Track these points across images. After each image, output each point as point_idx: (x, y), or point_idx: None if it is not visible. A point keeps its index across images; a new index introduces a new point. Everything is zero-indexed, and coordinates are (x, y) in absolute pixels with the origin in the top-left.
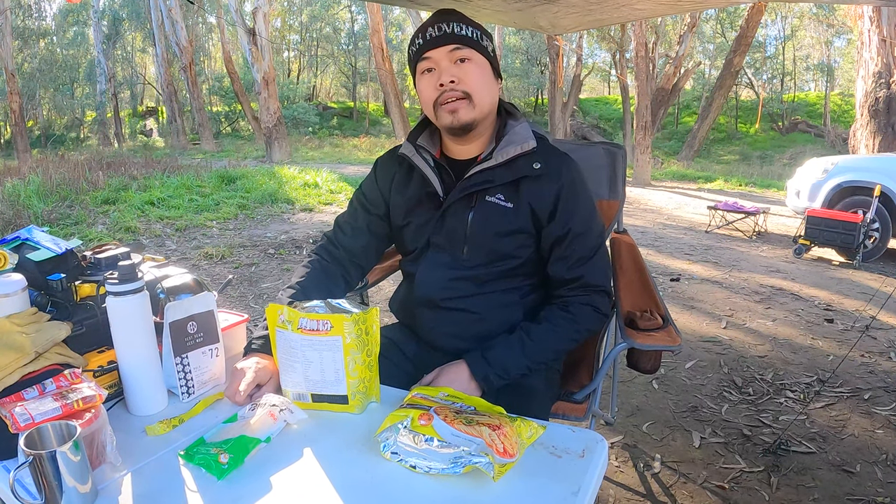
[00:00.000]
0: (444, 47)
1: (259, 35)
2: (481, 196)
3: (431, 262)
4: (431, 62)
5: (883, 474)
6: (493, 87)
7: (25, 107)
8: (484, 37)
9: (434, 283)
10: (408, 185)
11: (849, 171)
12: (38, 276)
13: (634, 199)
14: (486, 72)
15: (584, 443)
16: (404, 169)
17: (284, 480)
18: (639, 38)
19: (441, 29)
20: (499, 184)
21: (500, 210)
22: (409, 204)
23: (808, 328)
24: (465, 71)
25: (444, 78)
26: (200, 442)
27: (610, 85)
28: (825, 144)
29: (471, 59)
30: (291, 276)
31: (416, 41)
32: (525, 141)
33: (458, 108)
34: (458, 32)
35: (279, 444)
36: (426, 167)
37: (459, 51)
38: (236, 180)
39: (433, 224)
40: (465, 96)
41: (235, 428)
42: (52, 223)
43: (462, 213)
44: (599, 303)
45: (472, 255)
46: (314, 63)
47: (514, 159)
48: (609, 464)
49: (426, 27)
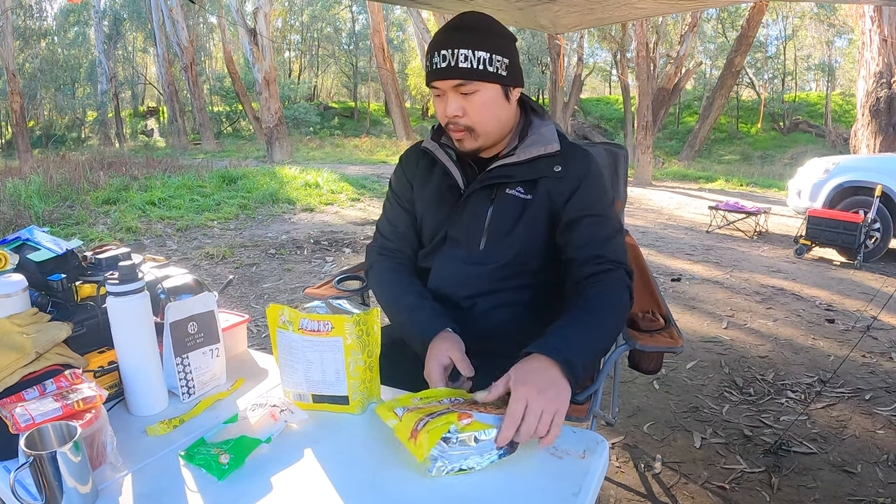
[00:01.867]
0: (449, 81)
1: (260, 35)
2: (501, 189)
3: (447, 256)
4: (439, 90)
5: (884, 475)
6: (503, 112)
7: (27, 107)
8: (495, 59)
9: (448, 277)
10: (430, 178)
11: (850, 171)
12: (38, 276)
13: (635, 198)
14: (494, 99)
15: (585, 443)
16: (427, 162)
17: (285, 481)
18: (640, 38)
19: (446, 59)
20: (519, 179)
21: (519, 201)
22: (431, 196)
23: (809, 328)
24: (471, 104)
25: (450, 111)
26: (201, 442)
27: (611, 85)
28: (826, 144)
29: (477, 91)
30: (375, 287)
31: (427, 60)
32: (549, 143)
33: (463, 140)
34: (463, 65)
35: (280, 445)
36: (448, 161)
37: (464, 86)
38: (237, 180)
39: (452, 216)
40: (468, 129)
41: (236, 428)
42: (53, 223)
43: (482, 205)
44: (628, 280)
45: (489, 249)
46: (315, 63)
47: (535, 158)
48: (610, 464)
49: (436, 49)
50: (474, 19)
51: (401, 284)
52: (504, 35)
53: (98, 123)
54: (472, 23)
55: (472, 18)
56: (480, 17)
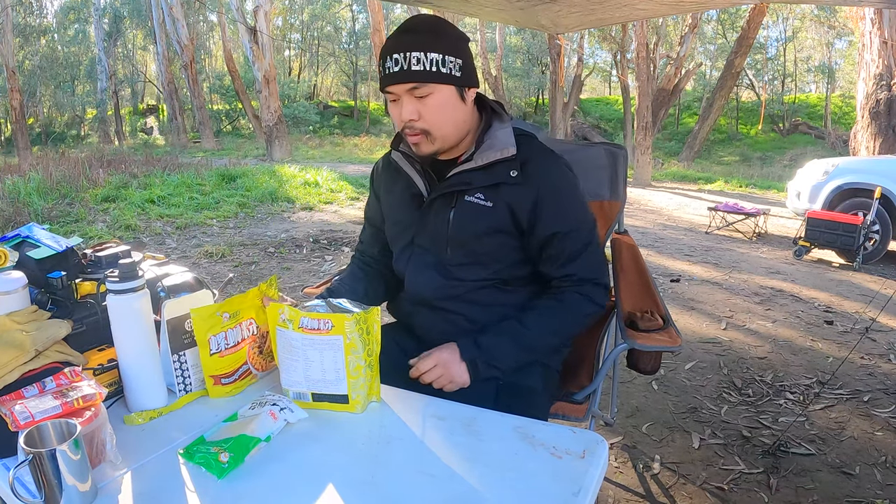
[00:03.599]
0: (402, 84)
1: (260, 33)
2: (461, 196)
3: (419, 263)
4: (394, 95)
5: (882, 476)
6: (459, 113)
7: (26, 104)
8: (448, 60)
9: (423, 284)
10: (395, 185)
11: (849, 173)
12: (38, 273)
13: (635, 199)
14: (449, 101)
15: (584, 443)
16: (392, 170)
17: (284, 479)
18: (640, 39)
19: (399, 64)
20: (478, 186)
21: (479, 209)
22: (396, 203)
23: (807, 330)
24: (425, 107)
25: (405, 115)
26: (200, 441)
27: (611, 85)
28: (826, 146)
29: (431, 93)
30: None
31: (380, 66)
32: (505, 147)
33: (419, 143)
34: (415, 67)
35: (279, 443)
36: (411, 170)
37: (417, 89)
38: (237, 179)
39: (416, 224)
40: (425, 132)
41: (235, 427)
42: (53, 221)
43: (443, 212)
44: (592, 292)
45: (455, 255)
46: (315, 62)
47: (493, 164)
48: (609, 464)
49: (388, 53)
50: (425, 21)
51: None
52: (456, 36)
53: (97, 121)
54: (423, 25)
55: (422, 21)
56: (431, 18)
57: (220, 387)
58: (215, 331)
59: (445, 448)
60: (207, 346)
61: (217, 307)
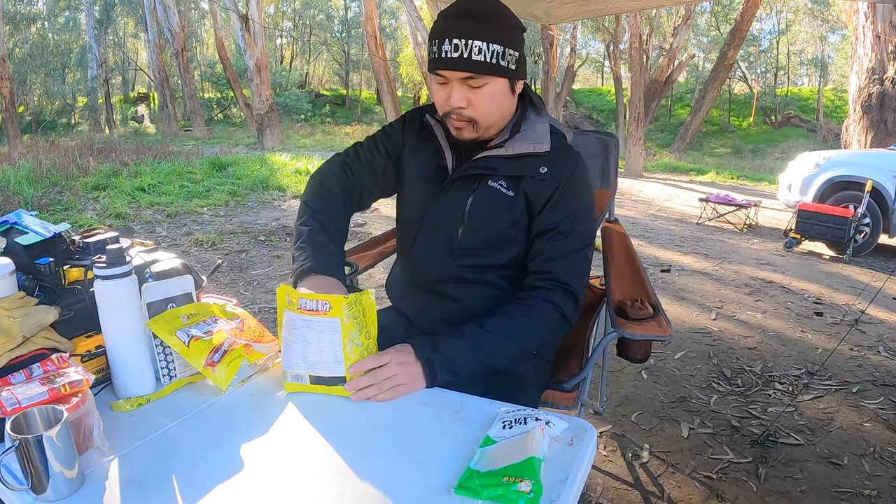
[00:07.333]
0: (459, 72)
1: (252, 21)
2: (484, 180)
3: (428, 242)
4: (445, 78)
5: (870, 467)
6: (506, 105)
7: (16, 92)
8: (507, 52)
9: (429, 263)
10: (423, 150)
11: (840, 166)
12: (26, 259)
13: (626, 190)
14: (500, 93)
15: (573, 431)
16: (424, 132)
17: (274, 464)
18: (633, 30)
19: (459, 50)
20: (503, 173)
21: (501, 197)
22: (418, 168)
23: (797, 321)
24: (477, 97)
25: (454, 101)
26: (470, 473)
27: (603, 76)
28: (817, 139)
29: (486, 84)
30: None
31: (433, 45)
32: (539, 142)
33: (462, 129)
34: (476, 57)
35: (268, 427)
36: (444, 140)
37: (473, 79)
38: (227, 167)
39: (433, 198)
40: (471, 121)
41: (507, 450)
42: (42, 209)
43: (463, 193)
44: (562, 301)
45: (467, 238)
46: (307, 50)
47: (523, 155)
48: (598, 453)
49: (446, 35)
50: (487, 6)
51: (327, 213)
52: (516, 26)
53: (88, 109)
54: (486, 10)
55: (485, 7)
56: (493, 4)
57: (217, 368)
58: (178, 326)
59: (434, 435)
60: (178, 340)
61: (171, 313)
